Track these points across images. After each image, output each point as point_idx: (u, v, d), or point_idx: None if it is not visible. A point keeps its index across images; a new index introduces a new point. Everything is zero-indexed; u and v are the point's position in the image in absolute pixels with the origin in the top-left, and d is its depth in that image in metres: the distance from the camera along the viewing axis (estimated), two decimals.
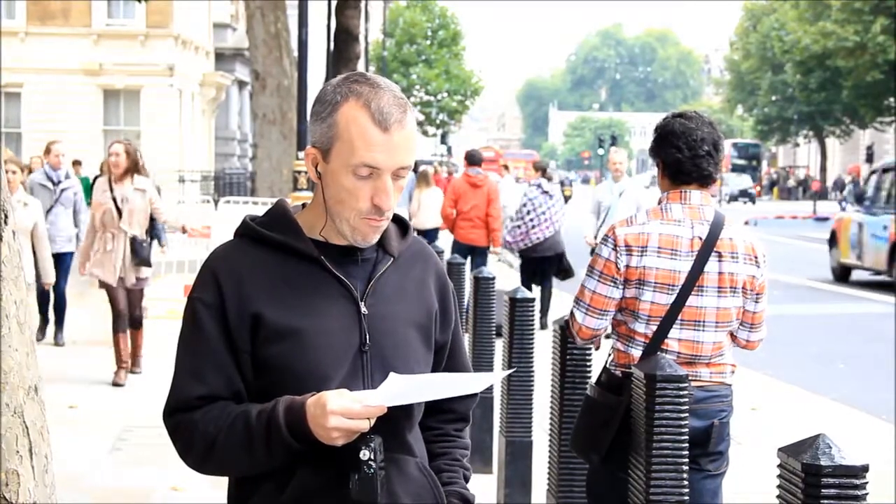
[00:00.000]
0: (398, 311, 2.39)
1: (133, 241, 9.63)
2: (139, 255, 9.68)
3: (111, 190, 9.66)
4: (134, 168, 9.72)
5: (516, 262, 13.43)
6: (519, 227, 13.11)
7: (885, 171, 20.08)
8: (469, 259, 12.94)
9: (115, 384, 9.61)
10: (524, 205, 13.12)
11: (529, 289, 12.31)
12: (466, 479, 2.55)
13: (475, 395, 2.55)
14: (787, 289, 18.82)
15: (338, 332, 2.30)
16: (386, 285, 2.38)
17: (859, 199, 20.80)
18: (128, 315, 9.82)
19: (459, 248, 13.35)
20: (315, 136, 2.32)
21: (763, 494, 6.14)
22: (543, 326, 12.52)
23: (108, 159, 9.93)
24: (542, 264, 13.31)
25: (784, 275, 21.37)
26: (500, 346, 6.43)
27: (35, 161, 14.00)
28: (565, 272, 13.44)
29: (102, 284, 9.84)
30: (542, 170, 13.88)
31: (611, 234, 4.05)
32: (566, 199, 61.57)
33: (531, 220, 12.97)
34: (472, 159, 14.08)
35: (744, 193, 64.78)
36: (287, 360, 2.28)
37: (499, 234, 13.49)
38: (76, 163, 24.12)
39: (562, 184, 75.37)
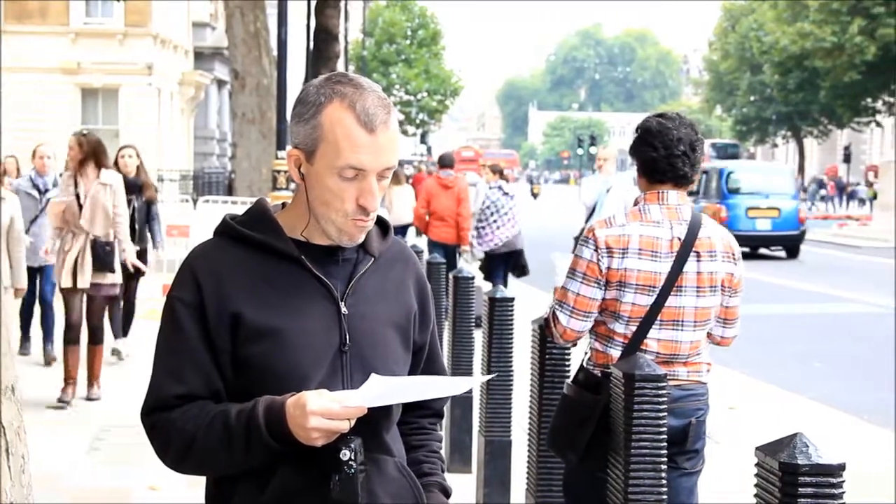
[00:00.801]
0: (378, 311, 2.39)
1: (94, 243, 8.74)
2: (101, 260, 8.73)
3: (75, 185, 8.85)
4: (96, 160, 8.86)
5: (474, 260, 13.95)
6: (484, 228, 13.57)
7: (703, 172, 27.35)
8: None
9: (61, 401, 8.70)
10: (487, 207, 13.57)
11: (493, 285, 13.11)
12: (442, 471, 2.57)
13: None
14: (766, 288, 18.89)
15: (318, 332, 2.30)
16: (366, 286, 2.38)
17: (696, 193, 27.20)
18: (82, 326, 8.81)
19: (433, 246, 13.89)
20: (298, 137, 2.31)
21: (740, 493, 6.16)
22: None
23: (69, 153, 9.12)
24: (504, 261, 13.77)
25: (762, 274, 21.47)
26: (478, 338, 6.43)
27: (9, 161, 13.31)
28: (521, 269, 13.91)
29: (60, 289, 8.95)
30: (499, 172, 14.36)
31: (591, 236, 4.05)
32: (534, 195, 63.49)
33: (494, 220, 13.46)
34: (444, 162, 14.69)
35: None
36: (267, 359, 2.27)
37: (467, 233, 14.00)
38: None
39: (531, 181, 77.12)
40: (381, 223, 2.47)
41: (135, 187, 10.46)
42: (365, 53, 54.75)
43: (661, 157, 4.03)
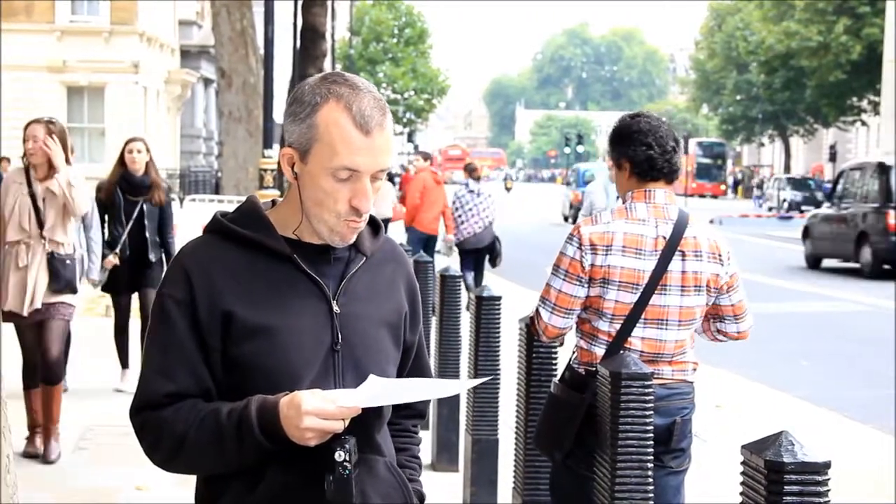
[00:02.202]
0: (370, 310, 2.39)
1: (52, 257, 7.02)
2: (61, 278, 7.02)
3: (29, 184, 7.08)
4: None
5: (451, 254, 14.74)
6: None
7: (571, 170, 35.23)
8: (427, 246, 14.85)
9: (27, 454, 7.13)
10: (453, 202, 14.44)
11: (468, 278, 14.12)
12: (420, 475, 2.61)
13: None
14: (754, 287, 18.95)
15: (309, 331, 2.29)
16: (358, 284, 2.38)
17: (569, 184, 35.56)
18: (40, 362, 7.06)
19: (419, 236, 14.83)
20: (292, 136, 2.30)
21: (727, 491, 6.17)
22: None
23: (25, 146, 7.05)
24: (476, 255, 14.53)
25: (750, 273, 21.52)
26: (465, 336, 6.43)
27: None
28: (493, 259, 14.71)
29: (8, 316, 7.02)
30: (469, 171, 14.79)
31: (576, 233, 4.06)
32: (508, 189, 71.24)
33: (460, 216, 14.31)
34: (427, 157, 16.30)
35: (810, 201, 46.91)
36: (258, 358, 2.26)
37: (451, 224, 14.82)
38: (4, 159, 23.46)
39: (506, 178, 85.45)
40: (373, 222, 2.47)
41: (142, 187, 8.97)
42: (352, 52, 54.70)
43: (658, 154, 4.06)
